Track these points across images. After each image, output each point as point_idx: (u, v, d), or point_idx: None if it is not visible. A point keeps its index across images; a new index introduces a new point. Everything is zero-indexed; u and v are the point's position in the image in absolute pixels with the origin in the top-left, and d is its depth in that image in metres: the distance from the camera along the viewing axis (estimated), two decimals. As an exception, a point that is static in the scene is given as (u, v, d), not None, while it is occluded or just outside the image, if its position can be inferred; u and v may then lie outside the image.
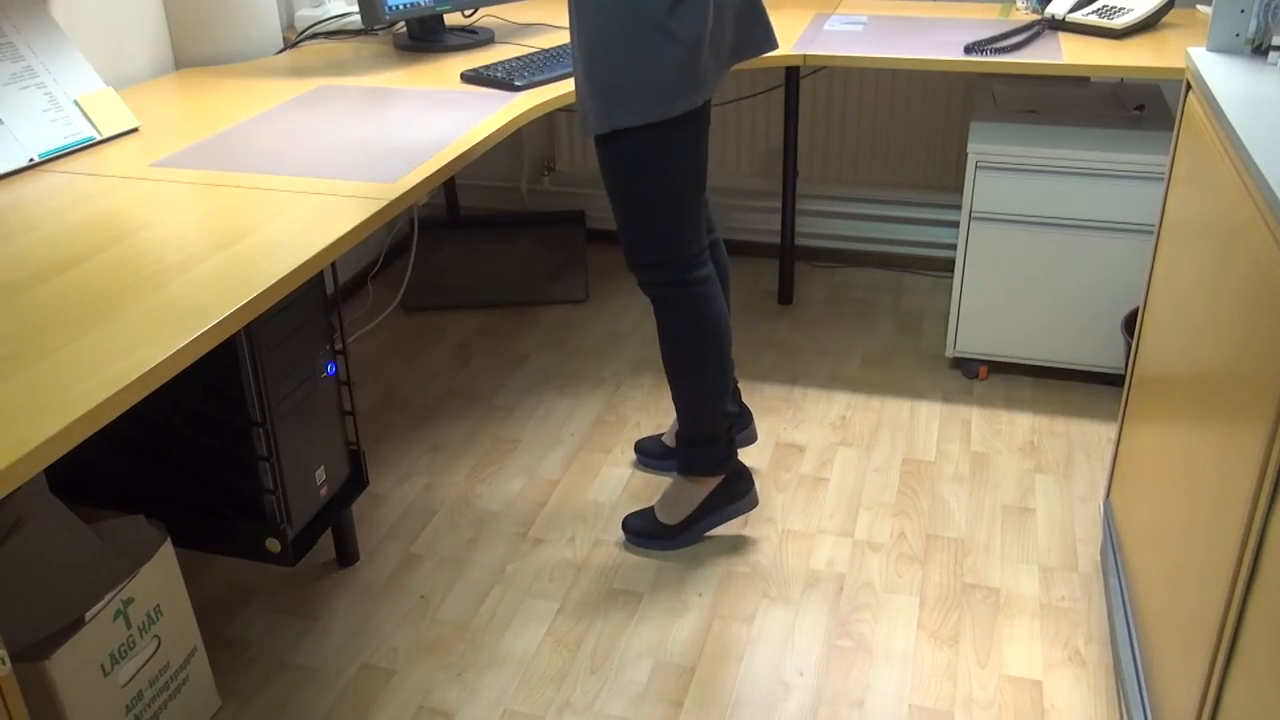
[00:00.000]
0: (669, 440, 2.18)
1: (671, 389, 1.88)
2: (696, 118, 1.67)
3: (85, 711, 1.41)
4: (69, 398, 1.05)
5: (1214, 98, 1.39)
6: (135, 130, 1.87)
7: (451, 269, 3.03)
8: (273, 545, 1.68)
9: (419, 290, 2.93)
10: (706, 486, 1.93)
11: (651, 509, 1.98)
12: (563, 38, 2.44)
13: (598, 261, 3.11)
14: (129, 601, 1.47)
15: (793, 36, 2.37)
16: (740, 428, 2.15)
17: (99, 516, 1.60)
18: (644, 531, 1.96)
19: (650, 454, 2.19)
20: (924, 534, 1.99)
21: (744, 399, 2.40)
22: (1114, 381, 2.44)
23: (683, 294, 1.77)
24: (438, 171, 1.65)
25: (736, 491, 1.95)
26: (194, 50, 2.28)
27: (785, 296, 2.84)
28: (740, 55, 1.77)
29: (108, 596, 1.44)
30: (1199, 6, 2.52)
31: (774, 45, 1.80)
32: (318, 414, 1.73)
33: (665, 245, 1.73)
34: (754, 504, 1.97)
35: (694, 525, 1.95)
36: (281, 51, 2.41)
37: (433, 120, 1.89)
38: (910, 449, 2.24)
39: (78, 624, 1.40)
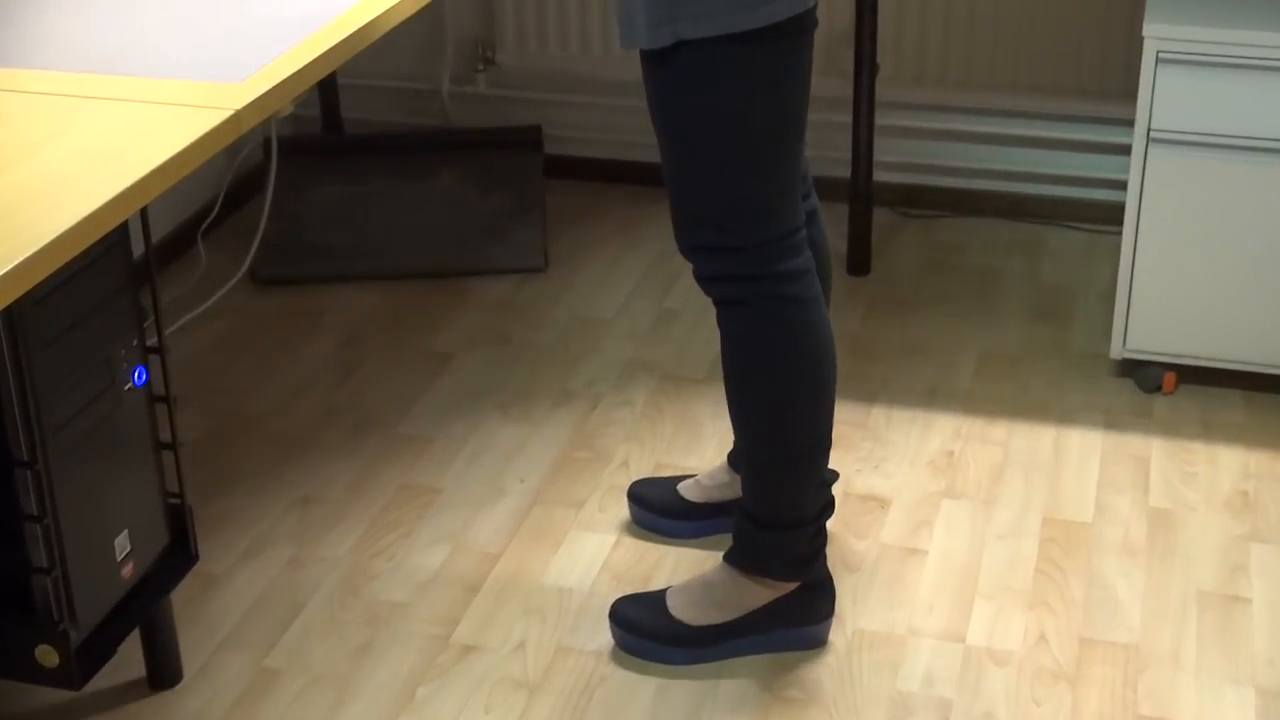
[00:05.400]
0: (693, 492, 2.16)
1: (738, 441, 1.88)
2: (799, 28, 1.68)
3: None
4: None
5: None
6: None
7: (330, 219, 3.02)
8: (47, 657, 1.67)
9: (280, 253, 2.92)
10: (772, 592, 1.93)
11: (660, 595, 1.98)
12: None
13: (562, 206, 3.10)
14: None
15: None
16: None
17: None
18: (645, 629, 1.96)
19: (655, 507, 2.18)
20: (1076, 637, 1.99)
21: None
22: (1373, 397, 2.44)
23: (765, 296, 1.77)
24: (309, 65, 1.65)
25: (811, 613, 1.95)
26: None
27: (859, 263, 2.84)
28: None
29: None
30: None
31: None
32: (119, 448, 1.72)
33: (742, 220, 1.74)
34: (824, 639, 1.97)
35: (730, 639, 1.94)
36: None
37: (302, -16, 1.88)
38: (1054, 503, 2.24)
39: None
